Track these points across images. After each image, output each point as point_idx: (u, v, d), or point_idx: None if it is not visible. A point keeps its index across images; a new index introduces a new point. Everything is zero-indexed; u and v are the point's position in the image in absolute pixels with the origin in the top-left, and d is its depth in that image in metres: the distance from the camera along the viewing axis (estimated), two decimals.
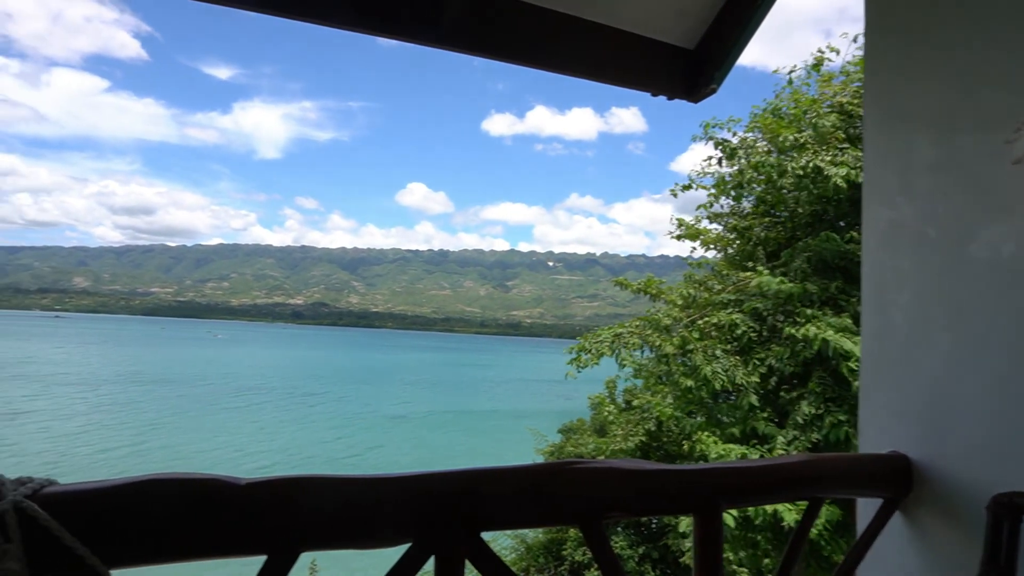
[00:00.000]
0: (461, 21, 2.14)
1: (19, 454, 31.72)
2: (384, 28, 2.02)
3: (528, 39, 2.27)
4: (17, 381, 62.09)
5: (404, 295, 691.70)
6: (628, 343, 8.56)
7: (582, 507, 1.22)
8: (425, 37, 2.09)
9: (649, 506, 1.38)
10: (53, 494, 0.88)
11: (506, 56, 2.26)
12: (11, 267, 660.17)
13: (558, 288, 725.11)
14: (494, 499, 1.15)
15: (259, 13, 1.81)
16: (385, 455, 36.83)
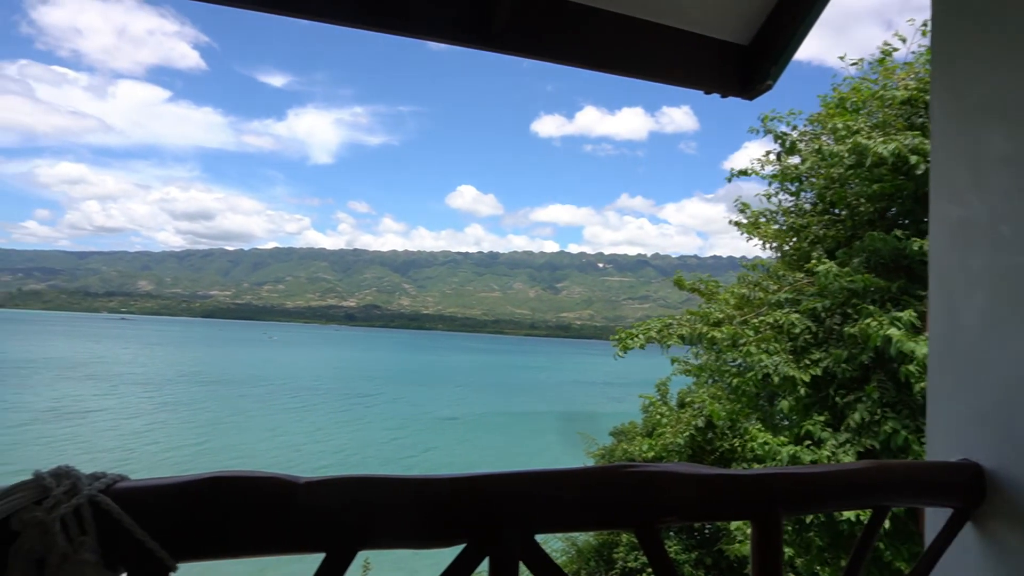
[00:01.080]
0: (511, 24, 2.14)
1: (90, 450, 33.18)
2: (434, 32, 2.03)
3: (578, 40, 2.26)
4: (89, 381, 65.11)
5: (454, 297, 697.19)
6: (677, 332, 8.41)
7: (637, 511, 1.21)
8: (475, 40, 2.10)
9: (706, 511, 1.35)
10: (125, 489, 0.91)
11: (556, 57, 2.25)
12: (81, 271, 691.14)
13: (608, 290, 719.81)
14: (548, 502, 1.14)
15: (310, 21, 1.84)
16: (438, 456, 37.14)
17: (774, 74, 2.39)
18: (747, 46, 2.44)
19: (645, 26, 2.28)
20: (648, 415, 12.69)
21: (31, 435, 36.03)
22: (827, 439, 6.80)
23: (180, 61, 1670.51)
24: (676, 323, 8.57)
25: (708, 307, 9.00)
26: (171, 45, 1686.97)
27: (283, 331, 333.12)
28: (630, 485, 1.20)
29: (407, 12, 2.01)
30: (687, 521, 1.34)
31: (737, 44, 2.44)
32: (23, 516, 0.82)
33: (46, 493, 0.85)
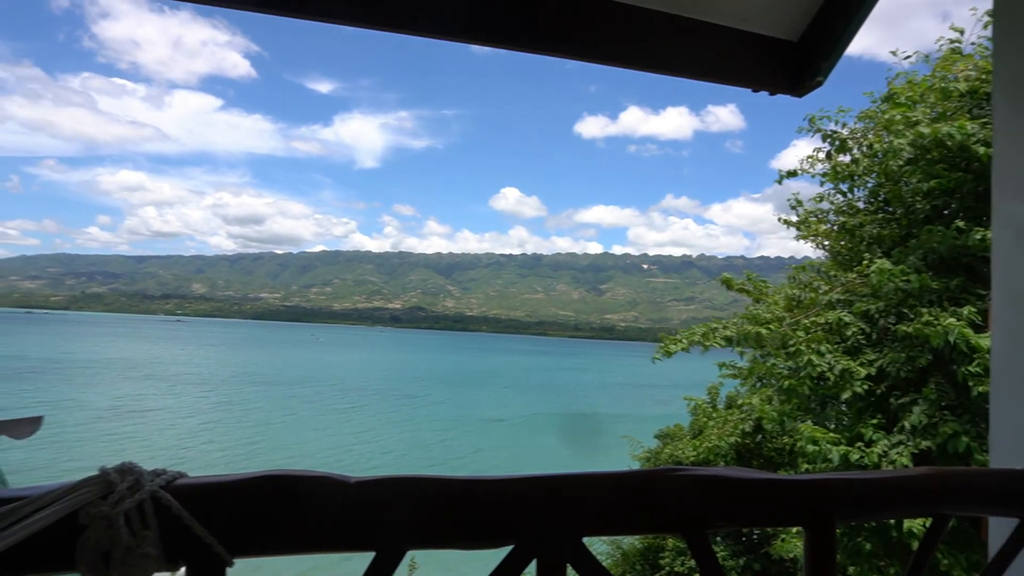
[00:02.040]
0: (555, 25, 2.13)
1: (149, 448, 34.39)
2: (478, 35, 2.04)
3: (623, 40, 2.24)
4: (148, 381, 67.54)
5: (498, 299, 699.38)
6: (722, 334, 8.25)
7: (686, 515, 1.19)
8: (519, 42, 2.10)
9: (757, 517, 1.31)
10: (184, 486, 0.94)
11: (600, 58, 2.24)
12: (139, 275, 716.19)
13: (653, 291, 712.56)
14: (597, 504, 1.14)
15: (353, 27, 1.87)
16: (486, 458, 37.30)
17: (824, 70, 2.34)
18: (796, 42, 2.39)
19: (691, 24, 2.25)
20: (695, 417, 12.51)
21: (95, 432, 37.49)
22: (879, 440, 6.59)
23: (232, 70, 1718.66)
24: (721, 327, 8.43)
25: (756, 308, 8.81)
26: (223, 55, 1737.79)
27: (330, 333, 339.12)
28: (679, 489, 1.18)
29: (450, 16, 2.02)
30: (737, 526, 1.31)
31: (786, 41, 2.40)
32: (90, 510, 0.86)
33: (111, 488, 0.88)
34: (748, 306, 9.13)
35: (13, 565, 0.86)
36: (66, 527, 0.86)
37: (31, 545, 0.83)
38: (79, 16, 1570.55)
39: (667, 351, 8.32)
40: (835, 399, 7.37)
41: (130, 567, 0.85)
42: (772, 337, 7.72)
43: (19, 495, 0.86)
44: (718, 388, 12.52)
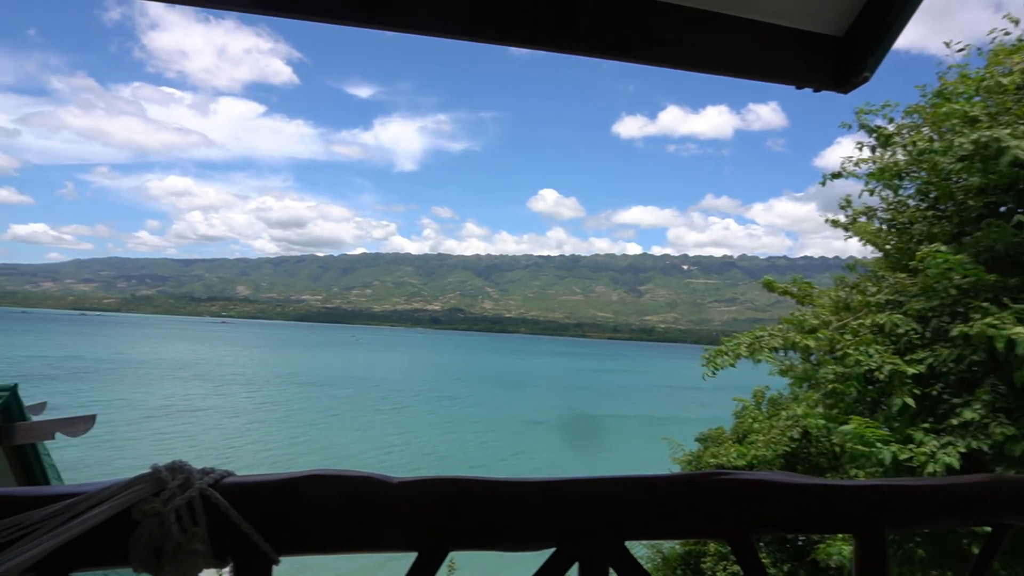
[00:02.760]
0: (592, 25, 2.12)
1: (197, 447, 35.28)
2: (515, 37, 2.04)
3: (662, 38, 2.21)
4: (195, 381, 69.44)
5: (536, 300, 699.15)
6: (768, 344, 8.08)
7: (731, 520, 1.17)
8: (557, 44, 2.09)
9: (804, 523, 1.31)
10: (232, 484, 0.97)
11: (639, 58, 2.21)
12: (186, 278, 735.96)
13: (693, 292, 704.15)
14: (640, 508, 1.12)
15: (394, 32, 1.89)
16: (527, 460, 37.33)
17: (871, 66, 2.27)
18: (841, 37, 2.34)
19: (733, 22, 2.21)
20: (739, 420, 12.31)
21: (146, 431, 38.65)
22: (928, 441, 6.38)
23: (274, 77, 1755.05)
24: (768, 335, 8.25)
25: (801, 313, 8.60)
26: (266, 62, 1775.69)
27: (370, 334, 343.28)
28: (725, 493, 1.16)
29: (487, 19, 2.03)
30: (784, 532, 1.31)
31: (831, 36, 2.34)
32: (142, 507, 0.88)
33: (162, 486, 0.91)
34: (794, 311, 8.91)
35: (70, 559, 0.90)
36: (120, 523, 0.88)
37: (87, 540, 0.86)
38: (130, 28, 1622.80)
39: (714, 365, 8.20)
40: (884, 403, 7.17)
41: (181, 563, 0.88)
42: (820, 345, 7.54)
43: (75, 491, 0.90)
44: (763, 391, 12.30)
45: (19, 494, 0.92)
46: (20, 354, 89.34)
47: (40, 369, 70.00)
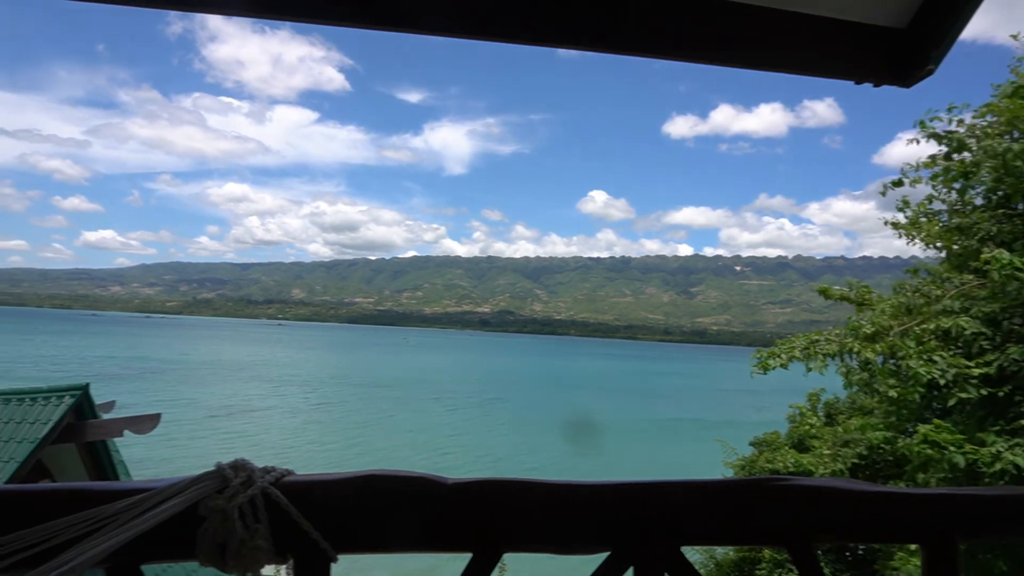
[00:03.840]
0: (642, 25, 2.10)
1: (256, 445, 36.33)
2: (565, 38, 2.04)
3: (714, 36, 2.18)
4: (254, 381, 71.59)
5: (586, 302, 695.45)
6: (824, 350, 7.81)
7: (791, 527, 1.13)
8: (607, 44, 2.09)
9: (868, 532, 1.25)
10: (291, 483, 0.99)
11: (691, 57, 2.19)
12: (244, 281, 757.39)
13: (746, 294, 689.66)
14: (696, 513, 1.11)
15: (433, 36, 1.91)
16: (576, 462, 37.15)
17: (936, 58, 2.19)
18: (904, 30, 2.26)
19: (787, 17, 2.17)
20: (795, 425, 11.99)
21: (208, 429, 39.97)
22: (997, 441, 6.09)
23: (327, 84, 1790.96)
24: (824, 339, 7.99)
25: (859, 319, 8.29)
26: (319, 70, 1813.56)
27: (421, 336, 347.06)
28: (784, 499, 1.13)
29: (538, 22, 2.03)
30: (846, 541, 1.23)
31: (893, 28, 2.27)
32: (208, 503, 0.92)
33: (226, 483, 0.95)
34: (851, 316, 8.59)
35: (141, 552, 0.94)
36: (187, 518, 0.92)
37: (157, 534, 0.90)
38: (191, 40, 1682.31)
39: (764, 365, 7.98)
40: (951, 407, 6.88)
41: (244, 558, 0.92)
42: (879, 352, 7.28)
43: (145, 487, 0.94)
44: (819, 394, 11.96)
45: (94, 488, 0.96)
46: (92, 355, 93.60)
47: (110, 369, 73.16)
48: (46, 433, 8.57)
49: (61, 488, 0.97)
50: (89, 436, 9.45)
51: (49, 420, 8.69)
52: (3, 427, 8.68)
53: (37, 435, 8.53)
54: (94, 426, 9.43)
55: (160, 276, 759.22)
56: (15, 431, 8.60)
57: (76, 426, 9.18)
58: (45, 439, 8.56)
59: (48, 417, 8.73)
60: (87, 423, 9.31)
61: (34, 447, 8.45)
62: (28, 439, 8.50)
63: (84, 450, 9.76)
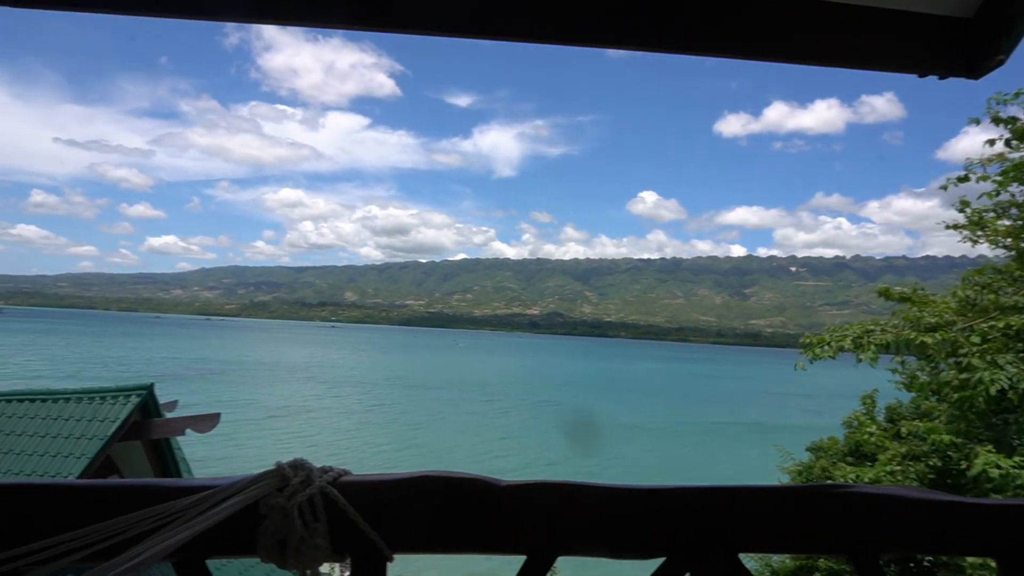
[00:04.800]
0: (693, 22, 2.07)
1: (313, 445, 37.16)
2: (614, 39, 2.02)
3: (769, 32, 2.13)
4: (310, 382, 73.34)
5: (636, 304, 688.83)
6: (878, 340, 7.49)
7: (854, 536, 1.09)
8: (658, 43, 2.06)
9: (938, 544, 1.17)
10: (348, 483, 1.01)
11: (745, 53, 2.14)
12: (298, 284, 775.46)
13: (802, 295, 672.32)
14: (754, 519, 1.08)
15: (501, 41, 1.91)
16: (627, 465, 36.85)
17: (1007, 47, 2.09)
18: (971, 19, 2.17)
19: (846, 9, 2.10)
20: (851, 431, 11.61)
21: (266, 429, 41.09)
22: None
23: (378, 90, 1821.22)
24: (879, 329, 7.68)
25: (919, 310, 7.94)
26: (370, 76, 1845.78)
27: (470, 338, 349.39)
28: (847, 506, 1.09)
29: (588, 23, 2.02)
30: (913, 553, 1.19)
31: (959, 18, 2.18)
32: (269, 501, 0.95)
33: (286, 482, 0.97)
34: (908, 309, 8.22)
35: (206, 547, 0.97)
36: (249, 516, 0.95)
37: (220, 530, 0.92)
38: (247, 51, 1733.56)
39: (813, 355, 7.70)
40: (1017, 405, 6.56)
41: (303, 556, 0.94)
42: (939, 345, 6.97)
43: (209, 484, 0.97)
44: (874, 397, 11.54)
45: (161, 485, 0.99)
46: (156, 356, 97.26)
47: (172, 370, 75.90)
48: (114, 430, 8.94)
49: (131, 484, 1.00)
50: (154, 434, 9.82)
51: (117, 418, 9.07)
52: (75, 424, 9.08)
53: (106, 432, 8.90)
54: (158, 424, 9.78)
55: (219, 280, 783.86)
56: (86, 428, 9.00)
57: (142, 424, 9.55)
58: (113, 436, 8.93)
59: (116, 415, 9.11)
60: (152, 421, 9.67)
61: (103, 444, 8.83)
62: (98, 436, 8.88)
63: (149, 447, 10.14)
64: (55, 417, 9.25)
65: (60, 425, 9.13)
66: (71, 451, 8.79)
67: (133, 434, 9.49)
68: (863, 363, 7.39)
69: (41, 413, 9.38)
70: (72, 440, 8.93)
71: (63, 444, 8.92)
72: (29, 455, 8.92)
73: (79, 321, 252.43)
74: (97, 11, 1.14)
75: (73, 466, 8.58)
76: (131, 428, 9.31)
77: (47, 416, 9.32)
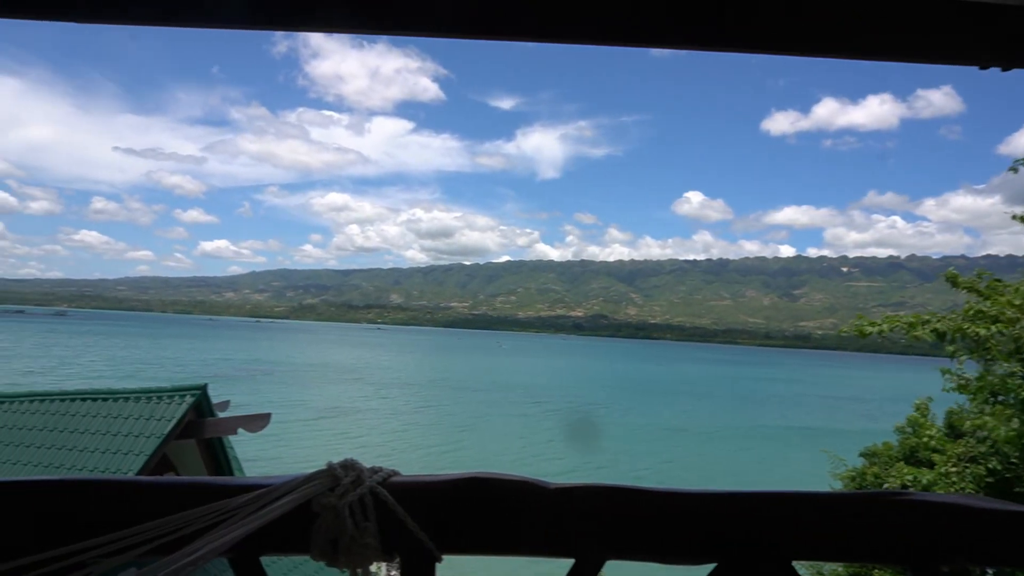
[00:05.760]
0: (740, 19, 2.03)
1: (362, 446, 37.76)
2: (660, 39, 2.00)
3: (819, 26, 2.07)
4: (358, 383, 74.59)
5: (682, 306, 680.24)
6: (934, 327, 7.23)
7: (915, 547, 1.04)
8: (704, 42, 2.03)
9: (1007, 556, 1.11)
10: (398, 483, 1.01)
11: (794, 49, 2.09)
12: (345, 287, 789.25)
13: (854, 296, 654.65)
14: (810, 526, 1.05)
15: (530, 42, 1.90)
16: (675, 469, 36.47)
17: None
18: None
19: (902, 1, 2.04)
20: (905, 437, 11.24)
21: (316, 429, 41.92)
22: None
23: (422, 95, 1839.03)
24: (934, 319, 7.43)
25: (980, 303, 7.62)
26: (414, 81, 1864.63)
27: (514, 340, 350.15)
28: (908, 515, 1.05)
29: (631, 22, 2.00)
30: (979, 565, 1.13)
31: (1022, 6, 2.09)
32: (321, 500, 0.96)
33: (337, 482, 0.98)
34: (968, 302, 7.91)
35: (260, 544, 0.99)
36: (301, 514, 0.96)
37: (274, 528, 0.94)
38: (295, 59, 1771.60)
39: (861, 331, 7.48)
40: None
41: (354, 555, 0.95)
42: (1000, 341, 6.69)
43: (262, 483, 0.99)
44: (927, 402, 11.15)
45: (217, 483, 1.01)
46: (209, 357, 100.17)
47: (225, 371, 78.10)
48: (170, 429, 9.24)
49: (189, 481, 1.02)
50: (207, 433, 10.11)
51: (173, 417, 9.37)
52: (134, 423, 9.42)
53: (163, 431, 9.21)
54: (211, 423, 10.07)
55: (269, 283, 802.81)
56: (144, 427, 9.33)
57: (196, 423, 9.84)
58: (169, 434, 9.24)
59: (172, 414, 9.42)
60: (205, 421, 9.97)
61: (160, 442, 9.13)
62: (155, 434, 9.20)
63: (203, 446, 10.45)
64: (115, 416, 9.62)
65: (120, 423, 9.49)
66: (130, 448, 9.12)
67: (188, 433, 9.79)
68: (916, 368, 7.15)
69: (102, 412, 9.77)
70: (131, 438, 9.27)
71: (122, 442, 9.27)
72: (91, 452, 9.29)
73: (137, 323, 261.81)
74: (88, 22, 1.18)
75: (132, 463, 8.90)
76: (186, 427, 9.61)
77: (108, 415, 9.70)
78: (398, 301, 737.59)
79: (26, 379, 55.45)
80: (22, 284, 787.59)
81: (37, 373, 62.25)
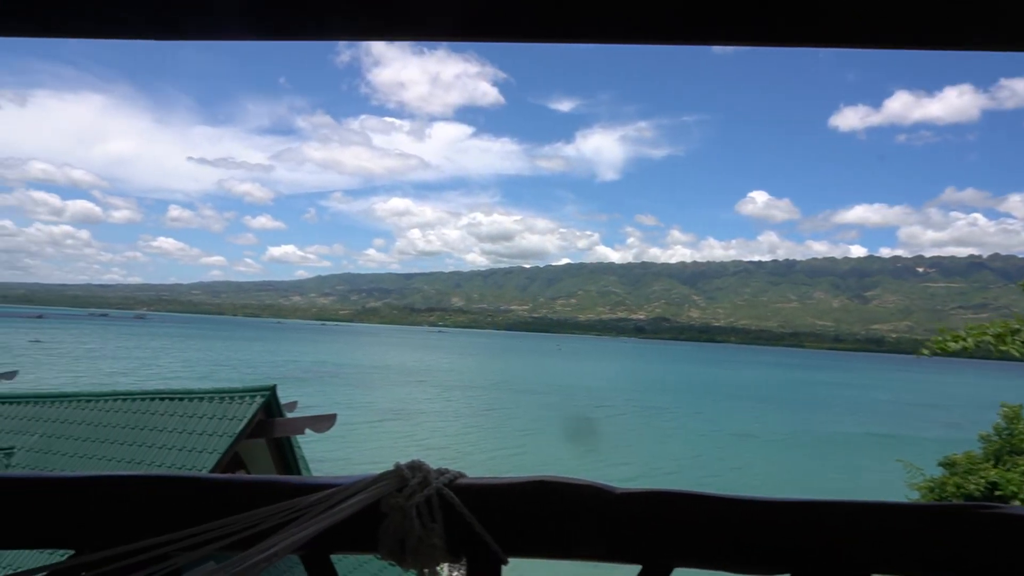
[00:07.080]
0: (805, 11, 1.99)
1: (426, 447, 38.30)
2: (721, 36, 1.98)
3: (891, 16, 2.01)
4: (420, 386, 75.77)
5: (747, 308, 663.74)
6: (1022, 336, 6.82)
7: (1006, 563, 0.99)
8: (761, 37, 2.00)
9: None
10: (464, 485, 1.01)
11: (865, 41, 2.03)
12: (407, 290, 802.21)
13: (931, 297, 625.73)
14: (888, 538, 1.01)
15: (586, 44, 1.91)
16: (743, 476, 35.67)
17: None
18: None
19: None
20: (990, 444, 10.68)
21: (381, 430, 42.75)
22: None
23: (482, 99, 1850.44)
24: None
25: None
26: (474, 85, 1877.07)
27: (575, 343, 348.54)
28: (998, 530, 0.99)
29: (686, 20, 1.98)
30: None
31: None
32: (389, 500, 0.97)
33: (404, 483, 0.99)
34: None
35: (330, 543, 1.00)
36: (370, 514, 0.97)
37: (343, 527, 0.95)
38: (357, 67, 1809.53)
39: (943, 347, 7.11)
40: None
41: (421, 555, 0.96)
42: None
43: (332, 483, 1.00)
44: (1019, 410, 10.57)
45: (288, 482, 1.03)
46: (278, 359, 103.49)
47: (292, 372, 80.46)
48: (242, 428, 9.59)
49: (261, 480, 1.05)
50: (276, 432, 10.45)
51: (244, 416, 9.72)
52: (208, 422, 9.82)
53: (234, 430, 9.57)
54: (280, 423, 10.41)
55: (334, 287, 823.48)
56: (217, 426, 9.71)
57: (266, 423, 10.19)
58: (241, 434, 9.59)
59: (243, 414, 9.77)
60: (274, 420, 10.30)
61: (232, 441, 9.49)
62: (227, 433, 9.56)
63: (272, 445, 10.81)
64: (190, 415, 10.04)
65: (195, 422, 9.90)
66: (204, 447, 9.51)
67: (258, 432, 10.14)
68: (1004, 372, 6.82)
69: (179, 411, 10.21)
70: (205, 436, 9.66)
71: (196, 440, 9.66)
72: (169, 449, 9.73)
73: (210, 326, 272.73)
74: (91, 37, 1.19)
75: (205, 461, 9.28)
76: (256, 426, 9.95)
77: (183, 414, 10.13)
78: (459, 304, 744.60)
79: (110, 379, 58.66)
80: (106, 289, 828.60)
81: (119, 373, 65.56)
